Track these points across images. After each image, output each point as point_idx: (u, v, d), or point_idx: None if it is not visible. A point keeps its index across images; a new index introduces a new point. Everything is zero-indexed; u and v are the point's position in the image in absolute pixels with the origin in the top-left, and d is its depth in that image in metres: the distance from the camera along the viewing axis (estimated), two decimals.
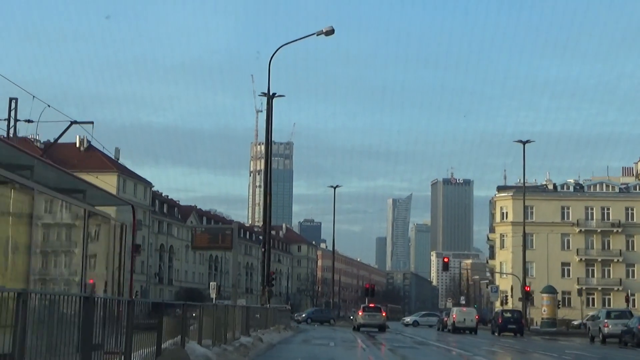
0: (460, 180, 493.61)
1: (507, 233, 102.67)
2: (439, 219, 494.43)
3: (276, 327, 40.08)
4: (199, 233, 31.57)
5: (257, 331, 31.92)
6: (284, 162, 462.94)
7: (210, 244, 31.55)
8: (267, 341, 29.60)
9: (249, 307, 31.66)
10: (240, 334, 27.58)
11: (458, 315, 60.50)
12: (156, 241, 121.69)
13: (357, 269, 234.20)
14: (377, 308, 58.66)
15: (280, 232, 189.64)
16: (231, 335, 24.95)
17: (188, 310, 17.91)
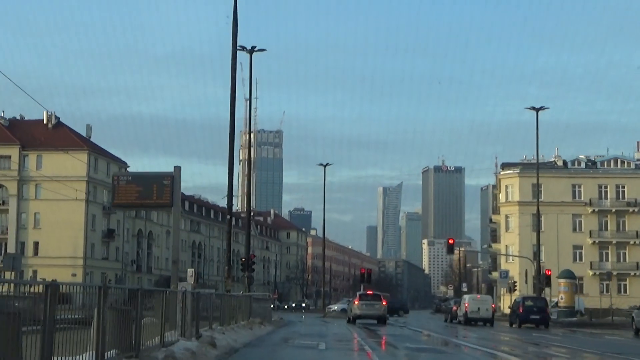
0: (452, 167, 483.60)
1: (513, 214, 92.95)
2: (430, 207, 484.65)
3: (249, 322, 30.11)
4: (123, 184, 21.35)
5: (214, 329, 21.99)
6: (274, 150, 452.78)
7: (140, 199, 21.45)
8: (226, 345, 19.68)
9: (201, 294, 21.63)
10: (180, 335, 17.58)
11: (471, 304, 50.59)
12: (133, 226, 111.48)
13: (349, 256, 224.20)
14: (376, 296, 48.69)
15: (269, 218, 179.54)
16: (156, 340, 14.93)
17: None
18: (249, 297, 33.48)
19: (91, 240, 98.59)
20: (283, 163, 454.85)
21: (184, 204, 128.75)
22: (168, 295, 18.57)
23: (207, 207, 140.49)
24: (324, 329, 37.49)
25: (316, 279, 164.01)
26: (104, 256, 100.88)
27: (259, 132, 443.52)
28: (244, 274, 54.71)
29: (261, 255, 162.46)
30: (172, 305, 18.81)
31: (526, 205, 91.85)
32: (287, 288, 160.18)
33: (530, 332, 40.76)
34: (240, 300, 31.49)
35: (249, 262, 54.31)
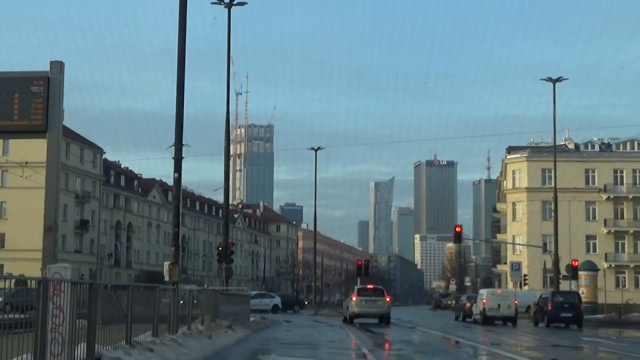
0: (444, 162, 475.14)
1: (521, 201, 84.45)
2: (422, 201, 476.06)
3: (210, 327, 21.37)
4: None
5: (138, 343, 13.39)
6: (265, 145, 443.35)
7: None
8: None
9: (97, 284, 12.98)
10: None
11: (490, 301, 42.00)
12: (111, 217, 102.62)
13: (341, 250, 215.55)
14: (378, 291, 40.06)
15: (258, 211, 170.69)
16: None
17: None
18: (213, 294, 24.75)
19: (62, 232, 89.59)
20: (274, 158, 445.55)
21: (167, 194, 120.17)
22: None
23: (193, 198, 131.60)
24: (316, 333, 28.90)
25: (307, 274, 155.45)
26: (77, 249, 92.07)
27: (249, 127, 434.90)
28: (221, 266, 46.22)
29: (250, 249, 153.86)
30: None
31: (535, 191, 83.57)
32: (277, 283, 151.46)
33: (574, 334, 32.35)
34: (199, 297, 22.83)
35: (227, 251, 45.82)
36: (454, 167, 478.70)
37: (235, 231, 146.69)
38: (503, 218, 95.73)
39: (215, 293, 24.73)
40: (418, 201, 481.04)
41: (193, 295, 23.61)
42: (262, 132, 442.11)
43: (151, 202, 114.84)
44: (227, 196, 45.52)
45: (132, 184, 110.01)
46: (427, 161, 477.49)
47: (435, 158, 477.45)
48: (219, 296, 24.72)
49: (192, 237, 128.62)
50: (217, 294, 24.80)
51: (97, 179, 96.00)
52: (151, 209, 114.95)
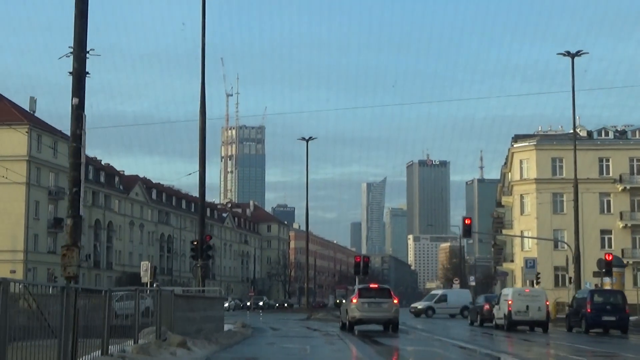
0: (436, 161, 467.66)
1: (529, 193, 77.29)
2: (415, 201, 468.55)
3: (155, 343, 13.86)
4: None
5: None
6: (256, 146, 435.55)
7: None
8: None
9: None
10: None
11: (517, 302, 34.76)
12: (89, 216, 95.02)
13: (334, 251, 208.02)
14: (383, 291, 32.81)
15: (248, 210, 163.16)
16: None
17: None
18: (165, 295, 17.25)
19: (34, 231, 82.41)
20: (266, 159, 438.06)
21: (151, 192, 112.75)
22: None
23: (179, 196, 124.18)
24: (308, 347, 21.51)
25: (299, 275, 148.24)
26: (51, 249, 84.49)
27: (240, 129, 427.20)
28: (196, 263, 38.99)
29: (239, 249, 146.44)
30: None
31: (545, 182, 76.49)
32: (267, 285, 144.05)
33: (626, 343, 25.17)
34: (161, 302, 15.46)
35: (203, 246, 38.58)
36: (447, 166, 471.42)
37: (224, 231, 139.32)
38: (508, 212, 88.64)
39: (167, 297, 17.34)
40: (411, 202, 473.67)
41: (141, 301, 16.28)
42: (253, 133, 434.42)
43: (133, 200, 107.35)
44: (203, 180, 38.25)
45: (112, 180, 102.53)
46: (420, 161, 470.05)
47: (427, 158, 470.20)
48: (171, 301, 17.32)
49: (178, 236, 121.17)
50: (170, 298, 17.40)
51: None
52: (133, 207, 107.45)
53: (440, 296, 63.10)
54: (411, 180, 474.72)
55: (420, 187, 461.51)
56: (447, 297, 62.74)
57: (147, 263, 55.73)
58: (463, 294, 65.00)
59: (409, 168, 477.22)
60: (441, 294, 64.35)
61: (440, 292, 66.92)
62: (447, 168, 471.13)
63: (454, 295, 63.67)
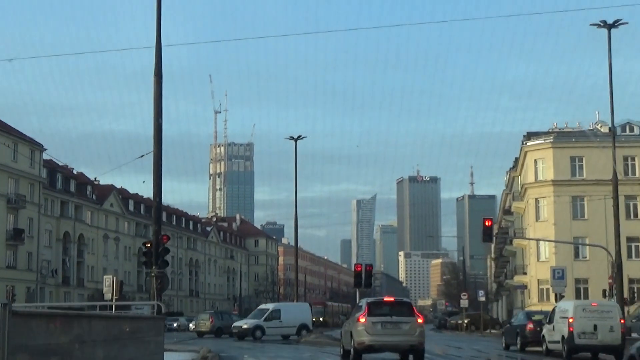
0: (427, 177, 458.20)
1: (546, 197, 67.95)
2: (405, 218, 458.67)
3: None
4: None
5: None
6: (245, 163, 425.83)
7: None
8: None
9: None
10: None
11: (580, 320, 25.29)
12: (57, 228, 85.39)
13: (325, 267, 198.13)
14: (402, 306, 23.35)
15: (234, 224, 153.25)
16: None
17: None
18: None
19: None
20: (254, 177, 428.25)
21: (127, 203, 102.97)
22: None
23: None
24: None
25: (289, 293, 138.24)
26: (10, 264, 74.68)
27: (229, 145, 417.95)
28: (150, 272, 29.69)
29: (225, 265, 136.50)
30: None
31: (564, 185, 67.23)
32: (255, 303, 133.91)
33: None
34: None
35: (159, 249, 29.28)
36: (437, 182, 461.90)
37: (208, 245, 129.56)
38: (518, 220, 79.35)
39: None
40: (401, 218, 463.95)
41: None
42: (242, 150, 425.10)
43: (108, 211, 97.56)
44: (159, 163, 28.90)
45: (84, 189, 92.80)
46: (410, 177, 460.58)
47: (418, 174, 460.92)
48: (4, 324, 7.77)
49: None
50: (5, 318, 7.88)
51: (35, 181, 78.75)
52: (108, 219, 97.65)
53: (272, 312, 48.62)
54: (401, 197, 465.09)
55: (410, 203, 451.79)
56: (281, 313, 48.66)
57: (111, 277, 46.26)
58: (301, 309, 51.17)
59: (399, 184, 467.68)
60: (273, 308, 49.60)
61: (271, 306, 51.58)
62: (438, 184, 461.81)
63: (290, 311, 49.62)
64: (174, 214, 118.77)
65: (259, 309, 52.01)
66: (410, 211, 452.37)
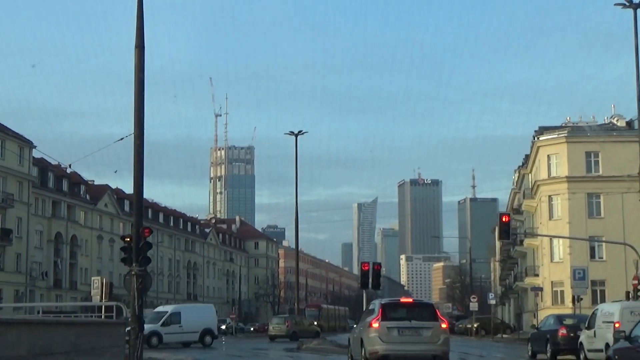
0: (428, 180, 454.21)
1: (560, 194, 64.18)
2: (407, 221, 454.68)
3: None
4: None
5: None
6: (245, 167, 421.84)
7: None
8: None
9: None
10: None
11: (629, 325, 21.30)
12: (49, 228, 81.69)
13: (326, 270, 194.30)
14: (423, 309, 19.57)
15: (233, 226, 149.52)
16: None
17: None
18: None
19: None
20: (255, 181, 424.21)
21: (122, 203, 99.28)
22: None
23: (155, 209, 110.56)
24: None
25: (290, 296, 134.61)
26: None
27: (229, 149, 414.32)
28: (130, 270, 25.87)
29: (224, 268, 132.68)
30: None
31: (578, 181, 63.43)
32: (254, 307, 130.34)
33: None
34: None
35: (140, 244, 25.46)
36: (439, 185, 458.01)
37: (207, 248, 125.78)
38: (529, 219, 75.53)
39: None
40: (403, 221, 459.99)
41: None
42: (242, 153, 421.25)
43: (102, 212, 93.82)
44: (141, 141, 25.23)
45: (77, 189, 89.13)
46: (411, 180, 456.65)
47: (419, 177, 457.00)
48: None
49: (155, 253, 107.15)
50: None
51: (25, 179, 75.04)
52: (102, 219, 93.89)
53: (171, 315, 42.89)
54: (403, 200, 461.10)
55: (412, 207, 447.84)
56: (181, 316, 43.00)
57: (99, 278, 42.64)
58: (204, 311, 45.44)
59: (401, 187, 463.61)
60: (172, 311, 43.60)
61: (170, 308, 45.32)
62: (439, 187, 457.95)
63: (192, 314, 43.79)
64: (172, 215, 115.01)
65: (156, 311, 45.81)
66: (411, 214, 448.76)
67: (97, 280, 43.77)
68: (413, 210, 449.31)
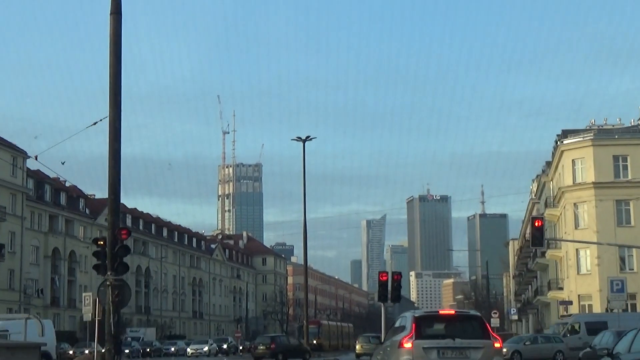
0: (437, 196, 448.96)
1: (587, 201, 59.55)
2: (416, 238, 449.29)
3: None
4: None
5: None
6: (253, 184, 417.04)
7: None
8: None
9: None
10: None
11: None
12: (45, 244, 77.45)
13: (335, 287, 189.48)
14: (467, 322, 14.92)
15: (241, 242, 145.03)
16: None
17: None
18: None
19: None
20: (263, 198, 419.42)
21: (125, 217, 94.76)
22: None
23: (159, 224, 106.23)
24: None
25: (298, 313, 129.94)
26: None
27: (237, 166, 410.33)
28: (105, 280, 21.68)
29: (231, 285, 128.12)
30: None
31: (606, 187, 58.79)
32: (262, 325, 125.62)
33: None
34: None
35: (115, 247, 21.18)
36: (448, 201, 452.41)
37: (213, 264, 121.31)
38: (551, 229, 70.74)
39: None
40: (412, 238, 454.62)
41: None
42: (250, 171, 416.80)
43: (102, 227, 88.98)
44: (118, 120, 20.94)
45: (76, 203, 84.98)
46: (420, 196, 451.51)
47: (428, 193, 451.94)
48: None
49: (159, 269, 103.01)
50: None
51: (18, 191, 70.79)
52: (102, 234, 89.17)
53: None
54: (412, 216, 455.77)
55: (421, 223, 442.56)
56: (10, 333, 31.48)
57: (90, 295, 38.37)
58: (30, 327, 29.85)
59: (409, 203, 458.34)
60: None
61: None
62: (448, 203, 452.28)
63: (19, 334, 30.00)
64: (176, 231, 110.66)
65: None
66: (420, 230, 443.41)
67: (88, 296, 39.75)
68: (422, 227, 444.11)
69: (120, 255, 20.90)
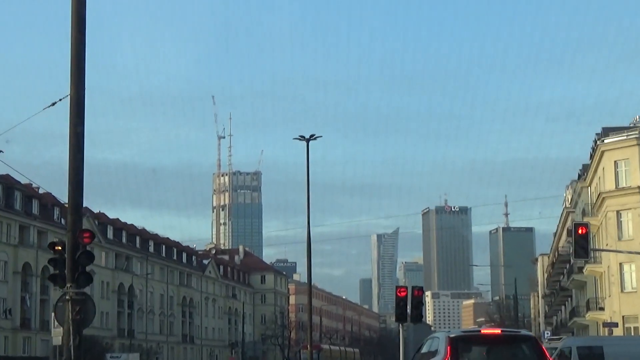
0: (456, 208, 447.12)
1: (632, 208, 57.51)
2: (432, 253, 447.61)
3: None
4: None
5: None
6: (252, 195, 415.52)
7: None
8: None
9: None
10: None
11: None
12: (14, 258, 75.72)
13: (343, 308, 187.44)
14: (521, 344, 12.61)
15: (237, 257, 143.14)
16: None
17: None
18: None
19: None
20: (263, 209, 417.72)
21: (105, 229, 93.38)
22: None
23: (144, 237, 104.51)
24: None
25: (301, 337, 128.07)
26: None
27: (234, 175, 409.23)
28: (63, 294, 19.64)
29: (226, 305, 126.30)
30: None
31: None
32: (260, 350, 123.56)
33: None
34: None
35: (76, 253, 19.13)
36: (468, 213, 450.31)
37: (206, 282, 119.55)
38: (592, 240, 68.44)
39: None
40: (427, 254, 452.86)
41: None
42: (248, 180, 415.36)
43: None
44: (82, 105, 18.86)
45: (50, 213, 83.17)
46: (437, 207, 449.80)
47: (446, 204, 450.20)
48: None
49: (144, 288, 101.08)
50: None
51: None
52: None
53: None
54: (427, 230, 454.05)
55: (438, 237, 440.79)
56: None
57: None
58: None
59: (425, 215, 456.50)
60: None
61: None
62: (468, 215, 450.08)
63: None
64: (164, 244, 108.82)
65: None
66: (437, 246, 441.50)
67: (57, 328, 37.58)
68: (439, 242, 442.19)
69: (82, 264, 18.84)
